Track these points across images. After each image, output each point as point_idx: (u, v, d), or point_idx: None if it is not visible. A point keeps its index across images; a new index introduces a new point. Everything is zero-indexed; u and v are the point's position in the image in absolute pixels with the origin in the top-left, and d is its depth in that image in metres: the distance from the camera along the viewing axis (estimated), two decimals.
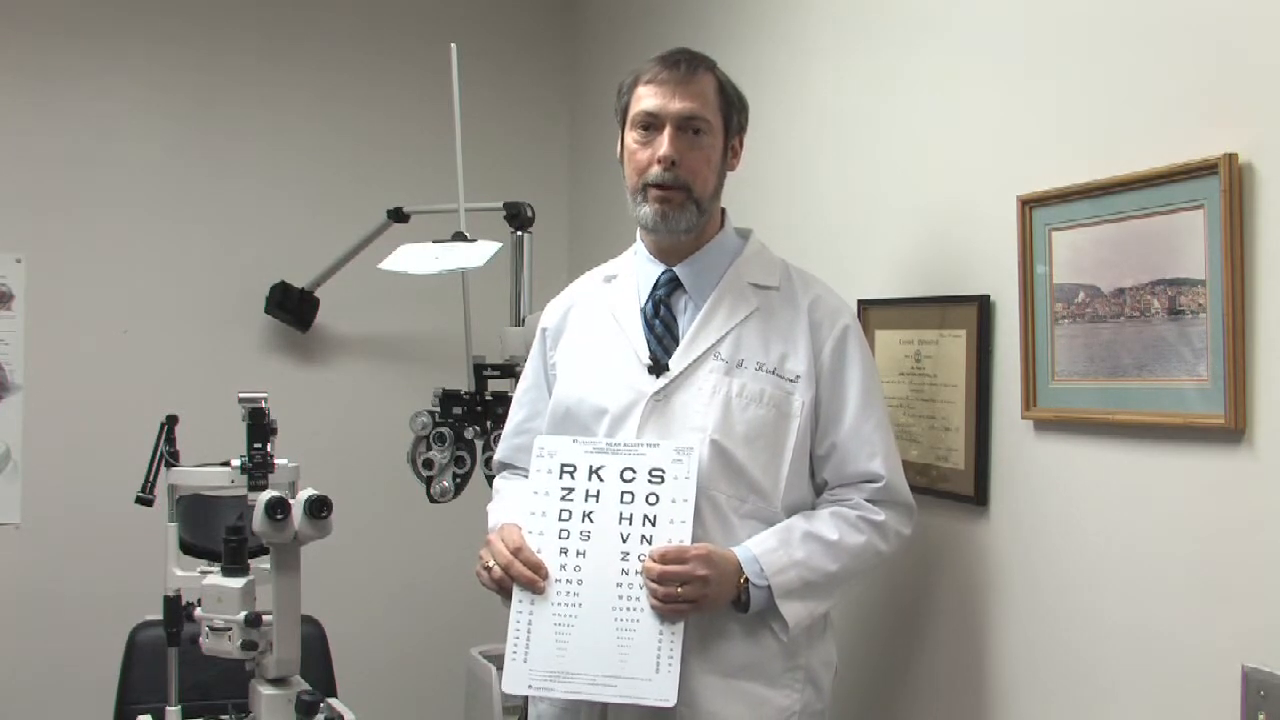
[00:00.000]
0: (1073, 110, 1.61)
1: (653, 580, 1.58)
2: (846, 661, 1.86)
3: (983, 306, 1.78)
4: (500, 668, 2.63)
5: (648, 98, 1.71)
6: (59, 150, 3.21)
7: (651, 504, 1.63)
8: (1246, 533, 1.34)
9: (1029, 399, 1.68)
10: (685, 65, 1.71)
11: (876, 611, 2.03)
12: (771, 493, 1.68)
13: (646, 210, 1.72)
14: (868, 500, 1.71)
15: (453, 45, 2.65)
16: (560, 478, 1.68)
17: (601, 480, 1.66)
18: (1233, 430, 1.34)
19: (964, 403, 1.82)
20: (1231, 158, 1.33)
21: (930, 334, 1.91)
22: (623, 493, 1.65)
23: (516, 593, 1.65)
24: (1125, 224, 1.50)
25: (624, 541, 1.63)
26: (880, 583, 1.98)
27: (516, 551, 1.65)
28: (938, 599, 1.90)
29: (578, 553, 1.64)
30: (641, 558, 1.61)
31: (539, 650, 1.62)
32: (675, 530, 1.61)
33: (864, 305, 2.05)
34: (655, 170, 1.70)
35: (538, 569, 1.63)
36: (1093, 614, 1.57)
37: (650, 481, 1.64)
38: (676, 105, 1.69)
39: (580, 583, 1.63)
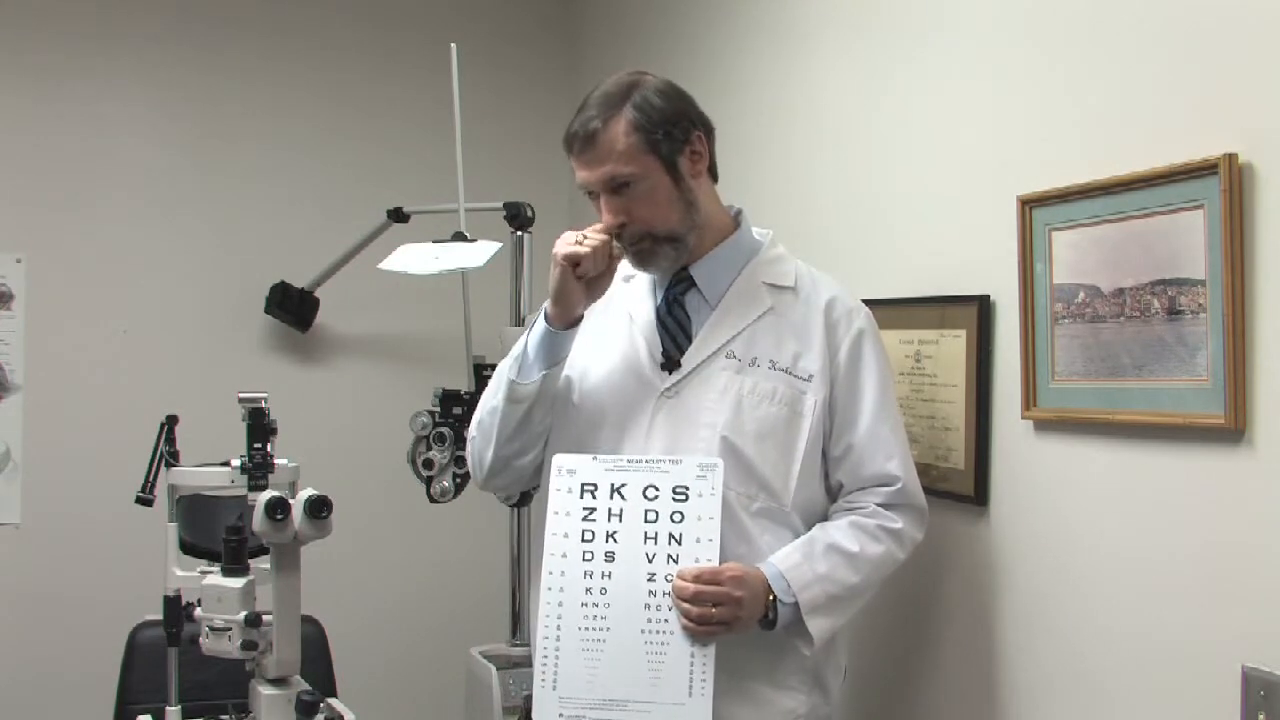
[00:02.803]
0: (1073, 110, 1.61)
1: (685, 600, 1.55)
2: (849, 661, 1.86)
3: (983, 306, 1.78)
4: (500, 668, 2.64)
5: (576, 170, 1.72)
6: (59, 150, 3.21)
7: (676, 522, 1.60)
8: (1246, 533, 1.34)
9: (1029, 399, 1.68)
10: (582, 134, 1.68)
11: (876, 612, 2.02)
12: (782, 491, 1.68)
13: (631, 261, 1.74)
14: (884, 504, 1.70)
15: (453, 45, 2.65)
16: (581, 497, 1.64)
17: (624, 499, 1.63)
18: (1233, 430, 1.34)
19: (964, 403, 1.82)
20: (1231, 158, 1.33)
21: (930, 334, 1.91)
22: (646, 511, 1.62)
23: (541, 618, 1.61)
24: (1125, 224, 1.50)
25: (650, 562, 1.60)
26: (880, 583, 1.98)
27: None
28: (938, 599, 1.90)
29: (603, 575, 1.61)
30: (669, 578, 1.58)
31: (568, 677, 1.58)
32: (702, 550, 1.59)
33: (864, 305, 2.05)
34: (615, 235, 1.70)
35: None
36: (1093, 614, 1.57)
37: (675, 499, 1.61)
38: (595, 174, 1.68)
39: (608, 605, 1.59)
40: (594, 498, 1.64)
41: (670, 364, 1.72)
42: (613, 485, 1.64)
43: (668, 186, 1.70)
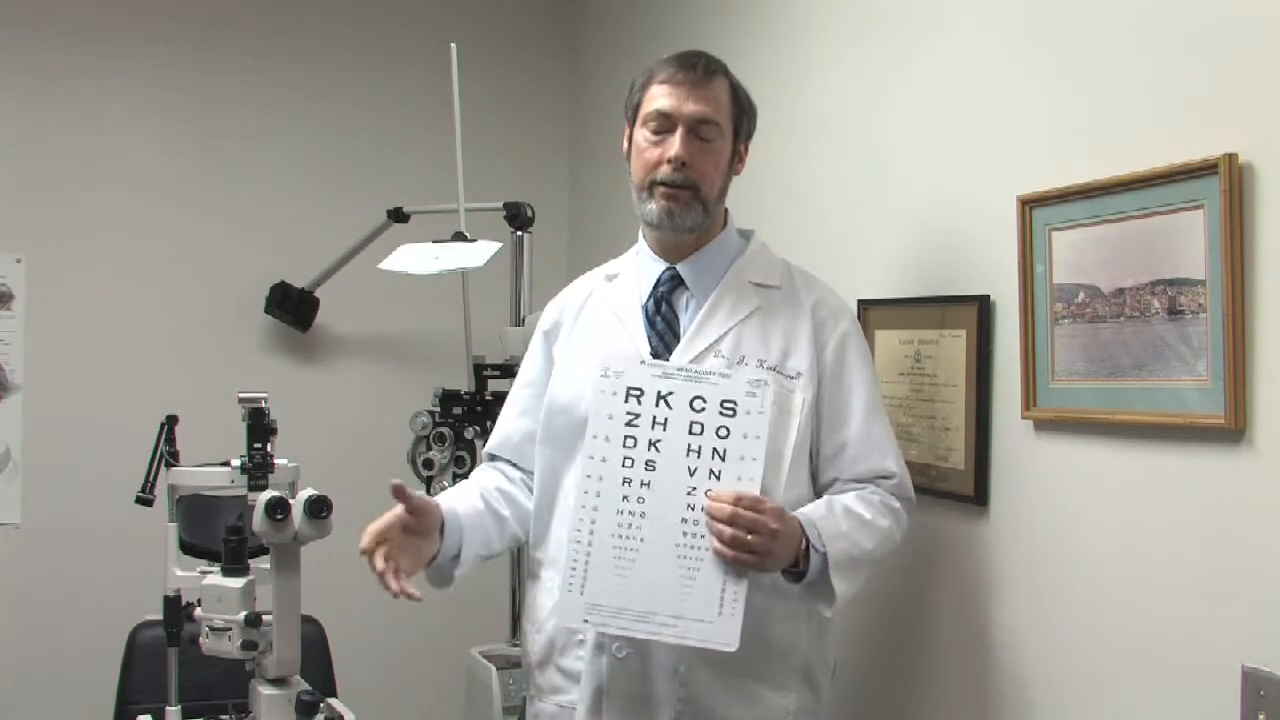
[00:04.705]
0: (1073, 110, 1.61)
1: (720, 521, 1.51)
2: (846, 661, 1.86)
3: (983, 306, 1.78)
4: (500, 668, 2.64)
5: (662, 97, 1.71)
6: (59, 150, 3.21)
7: (722, 438, 1.56)
8: (1246, 533, 1.34)
9: (1029, 399, 1.68)
10: (702, 68, 1.72)
11: (876, 610, 2.03)
12: (772, 489, 1.67)
13: (653, 207, 1.72)
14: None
15: (453, 45, 2.65)
16: (626, 401, 1.58)
17: (670, 408, 1.57)
18: (1233, 430, 1.34)
19: (964, 403, 1.82)
20: (1231, 158, 1.33)
21: (930, 334, 1.91)
22: (691, 423, 1.56)
23: (574, 521, 1.57)
24: (1125, 224, 1.50)
25: (691, 475, 1.55)
26: (880, 582, 1.98)
27: (379, 537, 1.60)
28: (938, 599, 1.90)
29: (642, 483, 1.56)
30: (709, 494, 1.54)
31: (597, 583, 1.54)
32: (746, 468, 1.55)
33: (864, 305, 2.05)
34: (665, 169, 1.70)
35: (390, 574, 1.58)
36: (1092, 614, 1.57)
37: (722, 414, 1.57)
38: (691, 107, 1.69)
39: (643, 515, 1.55)
40: (639, 403, 1.58)
41: None
42: (659, 393, 1.58)
43: (726, 159, 1.75)
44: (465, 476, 2.66)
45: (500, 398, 2.69)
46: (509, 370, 2.75)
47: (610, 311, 1.81)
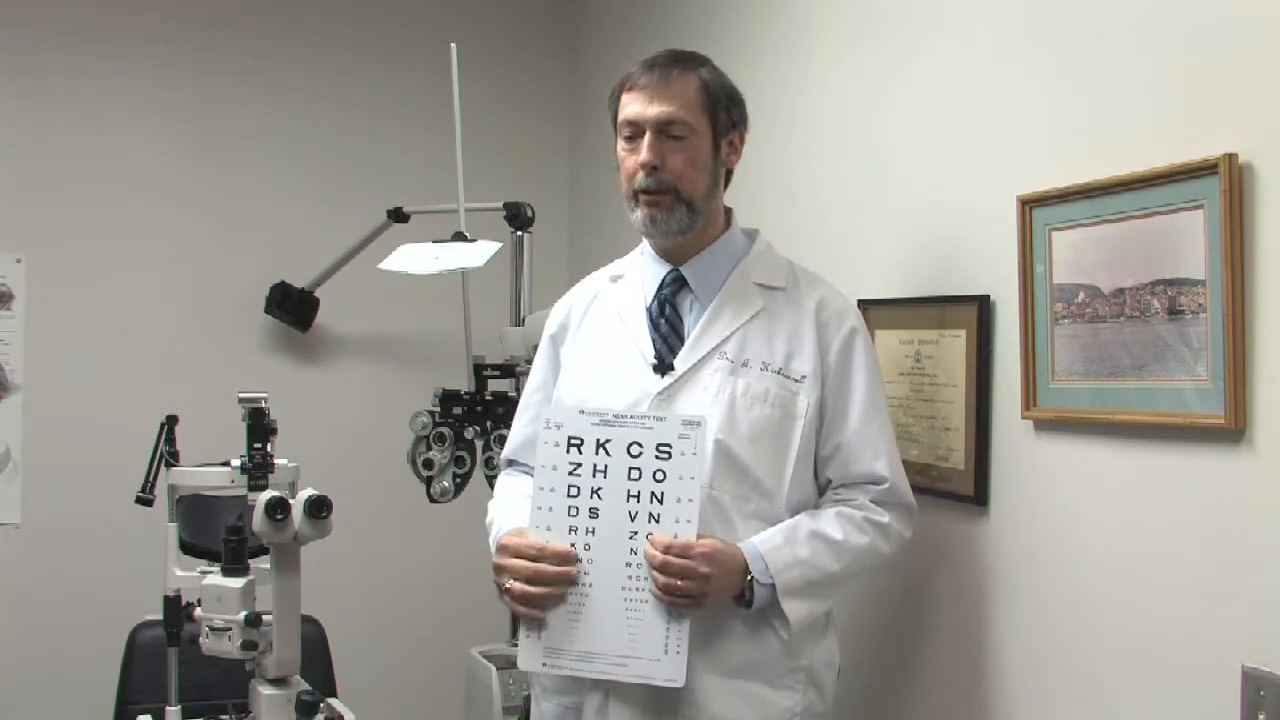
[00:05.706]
0: (1073, 110, 1.61)
1: (654, 568, 1.57)
2: (847, 661, 1.86)
3: (983, 306, 1.78)
4: (500, 668, 2.64)
5: (629, 105, 1.72)
6: (59, 150, 3.21)
7: (659, 481, 1.61)
8: (1246, 533, 1.34)
9: (1029, 399, 1.68)
10: (661, 69, 1.71)
11: (877, 611, 2.03)
12: (775, 493, 1.68)
13: (638, 216, 1.73)
14: (872, 500, 1.71)
15: (453, 45, 2.65)
16: (568, 452, 1.64)
17: (609, 455, 1.62)
18: (1233, 430, 1.34)
19: (964, 403, 1.82)
20: (1231, 158, 1.33)
21: (930, 334, 1.91)
22: (630, 469, 1.62)
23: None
24: (1125, 224, 1.50)
25: (632, 520, 1.61)
26: (881, 582, 1.98)
27: (539, 554, 1.62)
28: (938, 599, 1.90)
29: (587, 531, 1.62)
30: (650, 537, 1.59)
31: (552, 629, 1.61)
32: (683, 509, 1.59)
33: (864, 305, 2.04)
34: (640, 177, 1.70)
35: (566, 558, 1.61)
36: (1092, 614, 1.57)
37: (658, 458, 1.61)
38: (654, 110, 1.69)
39: (591, 561, 1.61)
40: (580, 453, 1.64)
41: (663, 366, 1.72)
42: (598, 441, 1.63)
43: (708, 154, 1.73)
44: (466, 477, 2.69)
45: (500, 398, 2.71)
46: (509, 370, 2.75)
47: (615, 314, 1.80)
